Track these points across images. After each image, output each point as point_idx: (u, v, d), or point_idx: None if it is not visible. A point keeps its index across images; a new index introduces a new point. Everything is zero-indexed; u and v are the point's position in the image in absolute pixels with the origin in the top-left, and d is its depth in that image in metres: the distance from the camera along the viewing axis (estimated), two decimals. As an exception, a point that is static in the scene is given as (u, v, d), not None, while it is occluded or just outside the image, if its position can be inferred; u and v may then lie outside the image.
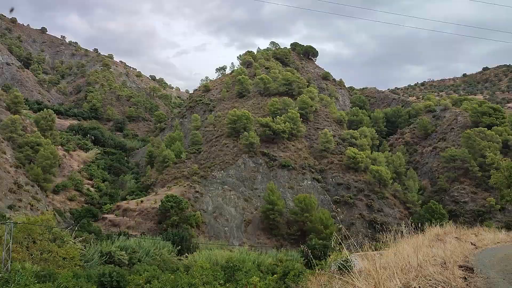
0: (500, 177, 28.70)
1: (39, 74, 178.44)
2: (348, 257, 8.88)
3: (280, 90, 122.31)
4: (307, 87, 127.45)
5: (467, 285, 7.78)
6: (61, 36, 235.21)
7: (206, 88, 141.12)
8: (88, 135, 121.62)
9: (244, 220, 79.76)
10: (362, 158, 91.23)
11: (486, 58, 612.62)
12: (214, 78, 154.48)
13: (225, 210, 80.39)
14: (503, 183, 28.24)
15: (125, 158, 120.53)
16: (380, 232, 10.19)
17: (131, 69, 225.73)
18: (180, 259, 53.61)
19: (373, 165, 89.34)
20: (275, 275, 27.03)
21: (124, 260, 44.88)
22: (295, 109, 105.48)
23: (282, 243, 74.28)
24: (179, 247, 58.02)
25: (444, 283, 6.63)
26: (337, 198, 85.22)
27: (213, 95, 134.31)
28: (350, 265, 7.07)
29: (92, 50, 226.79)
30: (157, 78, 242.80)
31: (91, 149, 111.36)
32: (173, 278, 17.35)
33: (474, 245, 15.21)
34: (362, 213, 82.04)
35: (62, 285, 15.61)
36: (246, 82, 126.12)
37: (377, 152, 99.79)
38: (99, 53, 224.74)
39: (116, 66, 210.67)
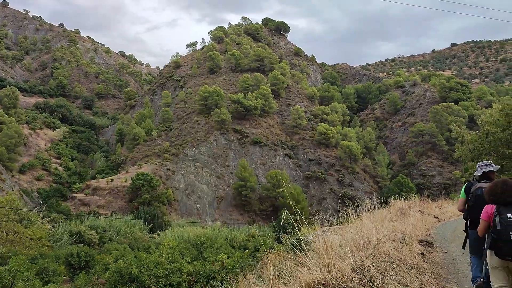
0: (464, 151, 29.32)
1: (2, 50, 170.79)
2: (312, 233, 8.88)
3: (252, 66, 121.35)
4: (279, 63, 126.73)
5: (424, 261, 7.83)
6: (24, 10, 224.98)
7: (176, 64, 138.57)
8: (55, 113, 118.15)
9: (217, 197, 79.88)
10: (333, 134, 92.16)
11: (454, 35, 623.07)
12: (185, 54, 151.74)
13: (197, 187, 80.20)
14: (467, 156, 28.89)
15: (95, 136, 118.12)
16: (350, 207, 10.20)
17: (99, 45, 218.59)
18: (152, 237, 53.40)
19: (344, 140, 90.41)
20: (247, 251, 27.28)
21: (94, 240, 44.38)
22: (266, 85, 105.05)
23: (255, 219, 74.97)
24: (151, 225, 57.74)
25: (399, 260, 6.64)
26: (309, 174, 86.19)
27: (184, 71, 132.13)
28: (307, 243, 6.98)
29: (57, 25, 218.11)
30: (126, 54, 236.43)
31: (59, 128, 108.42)
32: (139, 256, 17.16)
33: (437, 218, 15.54)
34: (333, 188, 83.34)
35: (13, 269, 15.17)
36: (217, 58, 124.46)
37: (348, 128, 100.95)
38: (65, 28, 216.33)
39: (84, 42, 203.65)
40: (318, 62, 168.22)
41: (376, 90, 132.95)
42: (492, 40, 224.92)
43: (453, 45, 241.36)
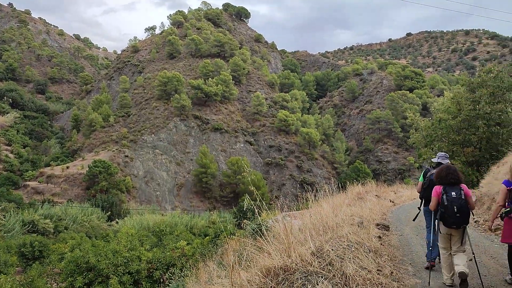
0: (418, 137, 30.41)
1: None
2: (272, 219, 8.96)
3: (212, 51, 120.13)
4: (240, 49, 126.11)
5: (381, 244, 8.13)
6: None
7: (135, 48, 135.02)
8: (5, 98, 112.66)
9: (177, 184, 79.17)
10: (293, 121, 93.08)
11: (410, 25, 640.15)
12: (143, 39, 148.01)
13: (156, 174, 79.12)
14: (420, 143, 29.98)
15: (49, 122, 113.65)
16: (309, 192, 10.36)
17: (52, 27, 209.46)
18: (110, 225, 52.40)
19: (304, 127, 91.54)
20: (208, 237, 27.26)
21: (49, 229, 43.00)
22: (227, 72, 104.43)
23: (215, 206, 74.97)
24: (109, 213, 56.66)
25: (358, 243, 6.82)
26: (269, 160, 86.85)
27: (142, 56, 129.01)
28: (267, 228, 7.03)
29: (6, 5, 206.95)
30: (82, 37, 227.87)
31: (9, 113, 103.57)
32: (97, 245, 16.78)
33: (393, 202, 16.07)
34: (292, 174, 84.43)
35: None
36: (176, 43, 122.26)
37: (307, 115, 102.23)
38: (14, 8, 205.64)
39: (35, 23, 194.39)
40: (278, 49, 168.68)
41: (335, 78, 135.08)
42: (445, 31, 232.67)
43: (408, 34, 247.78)
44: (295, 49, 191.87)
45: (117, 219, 54.85)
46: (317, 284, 4.80)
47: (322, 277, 5.06)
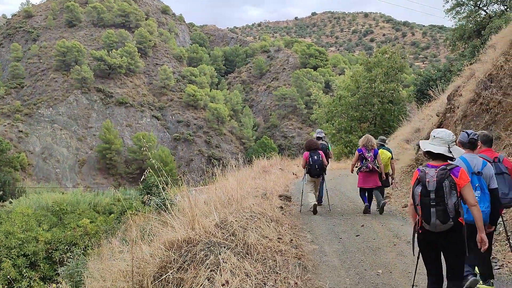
0: (320, 113, 32.06)
1: None
2: (179, 194, 8.95)
3: (116, 21, 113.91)
4: (146, 20, 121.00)
5: (282, 214, 8.56)
6: None
7: (27, 13, 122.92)
8: None
9: (78, 161, 75.15)
10: (202, 96, 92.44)
11: (316, 4, 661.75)
12: (38, 3, 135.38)
13: (55, 150, 74.27)
14: (322, 118, 31.70)
15: None
16: (217, 167, 10.48)
17: None
18: (2, 206, 48.41)
19: (212, 102, 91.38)
20: (112, 215, 26.49)
21: None
22: (132, 43, 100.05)
23: (121, 182, 72.59)
24: (1, 192, 52.21)
25: (260, 214, 7.09)
26: (177, 136, 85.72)
27: (37, 22, 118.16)
28: (172, 203, 7.02)
29: None
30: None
31: None
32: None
33: (295, 174, 16.82)
34: (201, 149, 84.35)
35: None
36: (76, 10, 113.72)
37: (216, 90, 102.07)
38: None
39: None
40: (186, 22, 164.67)
41: (243, 54, 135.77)
42: (346, 12, 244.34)
43: (314, 14, 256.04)
44: (203, 23, 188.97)
45: (10, 199, 50.83)
46: (220, 254, 4.92)
47: (225, 247, 5.20)
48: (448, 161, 3.96)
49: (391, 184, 10.66)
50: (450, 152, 3.96)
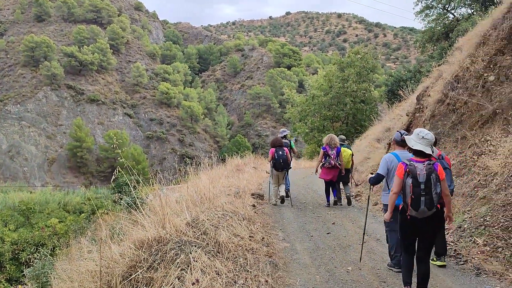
0: (293, 112, 32.28)
1: None
2: (151, 193, 8.85)
3: (88, 17, 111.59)
4: (118, 16, 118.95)
5: (255, 212, 8.57)
6: None
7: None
8: None
9: (47, 159, 73.31)
10: (175, 94, 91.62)
11: (290, 3, 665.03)
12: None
13: (23, 148, 72.22)
14: (296, 117, 31.91)
15: None
16: (190, 166, 10.46)
17: None
18: (-34, 206, 46.77)
19: (186, 101, 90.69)
20: (83, 214, 26.04)
21: None
22: (104, 39, 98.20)
23: (92, 181, 71.23)
24: (-35, 192, 50.45)
25: (232, 212, 7.10)
26: (150, 134, 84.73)
27: (4, 16, 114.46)
28: (143, 202, 6.95)
29: None
30: None
31: None
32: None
33: (268, 173, 16.84)
34: (174, 148, 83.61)
35: None
36: (45, 4, 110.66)
37: (189, 88, 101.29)
38: None
39: None
40: (160, 19, 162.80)
41: (217, 52, 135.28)
42: (320, 12, 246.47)
43: (288, 13, 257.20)
44: (178, 21, 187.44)
45: (-25, 199, 49.14)
46: (190, 253, 4.90)
47: (195, 246, 5.18)
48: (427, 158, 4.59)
49: (350, 178, 11.69)
50: (433, 151, 4.65)
